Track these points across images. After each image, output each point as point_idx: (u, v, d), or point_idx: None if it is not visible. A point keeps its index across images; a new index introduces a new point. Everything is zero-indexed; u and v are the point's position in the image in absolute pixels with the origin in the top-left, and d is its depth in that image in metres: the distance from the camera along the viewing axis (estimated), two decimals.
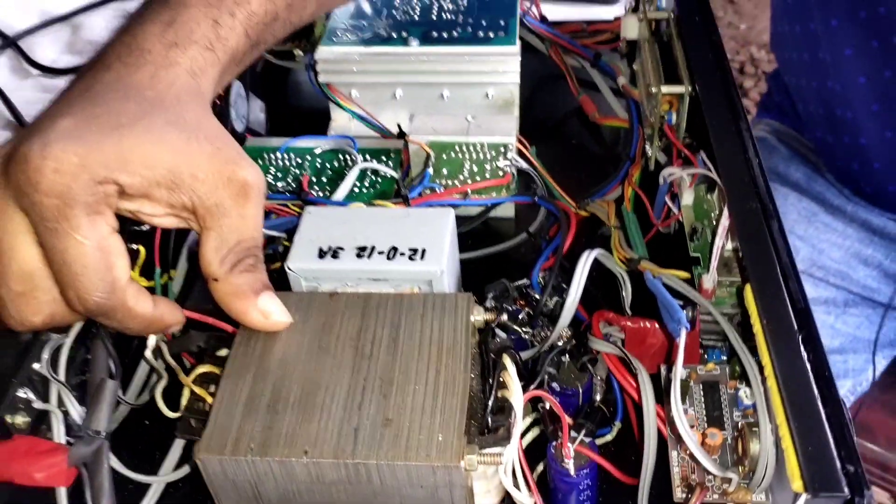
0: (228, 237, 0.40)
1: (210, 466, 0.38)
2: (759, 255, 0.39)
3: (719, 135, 0.46)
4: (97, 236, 0.37)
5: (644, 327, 0.46)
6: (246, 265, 0.41)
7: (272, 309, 0.42)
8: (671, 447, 0.41)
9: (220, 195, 0.39)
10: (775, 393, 0.34)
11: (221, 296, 0.41)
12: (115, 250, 0.38)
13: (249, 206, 0.40)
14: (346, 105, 0.64)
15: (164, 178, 0.38)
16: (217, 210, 0.39)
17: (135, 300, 0.39)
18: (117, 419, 0.50)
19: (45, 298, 0.38)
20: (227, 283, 0.41)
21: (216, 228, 0.40)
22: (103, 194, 0.37)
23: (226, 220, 0.40)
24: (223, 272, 0.40)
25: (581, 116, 0.70)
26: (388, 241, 0.49)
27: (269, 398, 0.40)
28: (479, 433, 0.40)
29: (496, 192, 0.55)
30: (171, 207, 0.39)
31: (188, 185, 0.39)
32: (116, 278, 0.38)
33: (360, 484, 0.38)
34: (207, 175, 0.39)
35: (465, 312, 0.43)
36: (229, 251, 0.40)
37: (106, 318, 0.39)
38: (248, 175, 0.40)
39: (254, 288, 0.41)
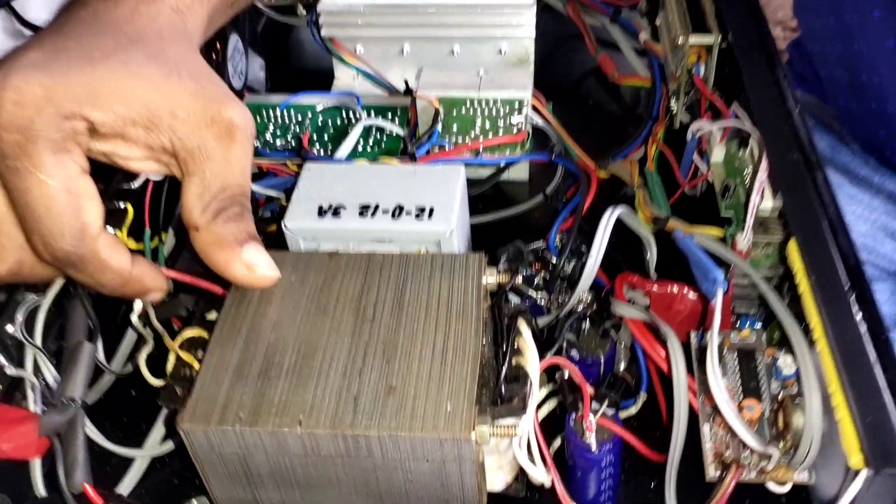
0: (212, 183, 0.36)
1: (195, 437, 0.35)
2: (803, 207, 0.35)
3: (755, 83, 0.42)
4: (63, 176, 0.33)
5: (671, 292, 0.42)
6: (230, 214, 0.37)
7: (258, 261, 0.38)
8: (703, 421, 0.37)
9: (203, 136, 0.36)
10: (827, 357, 0.30)
11: (203, 246, 0.37)
12: (84, 192, 0.34)
13: (235, 149, 0.36)
14: (350, 61, 0.60)
15: (140, 116, 0.34)
16: (199, 153, 0.36)
17: (109, 252, 0.36)
18: (101, 389, 0.46)
19: (10, 245, 0.35)
20: (209, 233, 0.37)
21: (198, 173, 0.36)
22: (71, 131, 0.33)
23: (209, 164, 0.36)
24: (205, 221, 0.36)
25: (599, 77, 0.66)
26: (394, 200, 0.45)
27: (260, 364, 0.36)
28: (492, 403, 0.36)
29: (510, 151, 0.52)
30: (150, 150, 0.36)
31: (167, 124, 0.35)
32: (86, 224, 0.34)
33: (360, 457, 0.34)
34: (189, 114, 0.35)
35: (477, 273, 0.39)
36: (213, 198, 0.36)
37: (76, 270, 0.35)
38: (234, 115, 0.36)
39: (238, 238, 0.37)
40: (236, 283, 0.38)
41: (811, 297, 0.32)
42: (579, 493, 0.39)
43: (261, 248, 0.38)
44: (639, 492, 0.41)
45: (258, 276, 0.38)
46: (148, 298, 0.40)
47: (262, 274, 0.38)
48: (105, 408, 0.46)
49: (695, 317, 0.42)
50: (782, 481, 0.35)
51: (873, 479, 0.26)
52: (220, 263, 0.38)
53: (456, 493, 0.35)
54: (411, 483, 0.35)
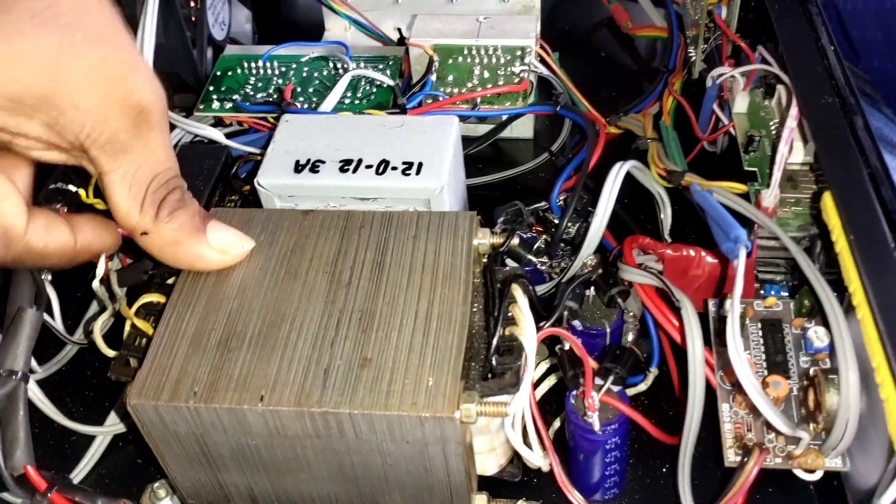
0: (138, 176, 0.31)
1: (144, 415, 0.31)
2: (840, 156, 0.30)
3: (784, 20, 0.37)
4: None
5: (687, 255, 0.37)
6: (173, 202, 0.32)
7: (228, 240, 0.34)
8: (721, 399, 0.33)
9: (113, 127, 0.30)
10: (869, 325, 0.25)
11: (160, 248, 0.32)
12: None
13: (154, 134, 0.31)
14: (340, 9, 0.56)
15: (34, 108, 0.28)
16: (113, 147, 0.30)
17: (44, 239, 0.31)
18: (61, 361, 0.43)
19: None
20: (161, 233, 0.32)
21: (118, 169, 0.30)
22: None
23: (127, 157, 0.30)
24: (150, 220, 0.31)
25: (612, 28, 0.62)
26: (379, 154, 0.41)
27: (221, 333, 0.32)
28: (481, 378, 0.32)
29: (511, 102, 0.47)
30: (56, 147, 0.30)
31: (70, 116, 0.29)
32: (7, 227, 0.29)
33: (331, 438, 0.30)
34: (93, 103, 0.29)
35: (468, 234, 0.35)
36: (146, 192, 0.31)
37: (17, 265, 0.31)
38: (143, 94, 0.30)
39: (195, 225, 0.33)
40: (213, 270, 0.34)
41: (850, 258, 0.27)
42: (581, 477, 0.35)
43: (222, 225, 0.34)
44: (648, 478, 0.37)
45: (235, 256, 0.34)
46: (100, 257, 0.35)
47: (238, 253, 0.34)
48: (66, 382, 0.43)
49: (713, 283, 0.37)
50: (812, 468, 0.31)
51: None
52: (189, 259, 0.33)
53: (441, 477, 0.31)
54: (390, 467, 0.31)
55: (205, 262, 0.34)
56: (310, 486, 0.33)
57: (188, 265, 0.34)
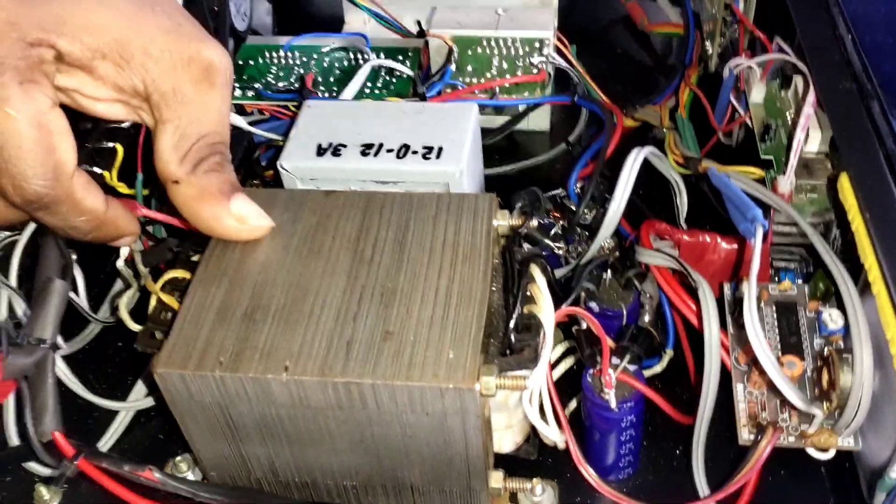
0: (189, 130, 0.33)
1: (171, 384, 0.31)
2: (856, 138, 0.31)
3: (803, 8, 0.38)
4: (32, 110, 0.30)
5: (703, 241, 0.38)
6: (211, 163, 0.33)
7: (248, 212, 0.35)
8: (736, 380, 0.34)
9: (179, 78, 0.32)
10: (885, 299, 0.26)
11: (185, 200, 0.34)
12: (56, 128, 0.31)
13: (214, 94, 0.33)
14: (360, 2, 0.57)
15: (109, 49, 0.31)
16: (174, 96, 0.32)
17: (83, 193, 0.32)
18: (85, 338, 0.44)
19: None
20: (191, 185, 0.33)
21: (174, 120, 0.32)
22: (38, 59, 0.30)
23: (185, 110, 0.32)
24: (184, 172, 0.33)
25: (628, 24, 0.62)
26: (399, 139, 0.41)
27: (246, 306, 0.33)
28: (500, 354, 0.32)
29: (529, 92, 0.48)
30: (119, 91, 0.32)
31: (139, 62, 0.31)
32: (60, 162, 0.31)
33: (353, 409, 0.31)
34: (164, 52, 0.32)
35: (487, 215, 0.36)
36: (191, 147, 0.33)
37: (48, 212, 0.32)
38: (213, 55, 0.33)
39: (223, 189, 0.34)
40: (227, 237, 0.35)
41: (866, 235, 0.28)
42: (596, 456, 0.35)
43: (248, 198, 0.35)
44: (662, 459, 0.37)
45: (250, 228, 0.35)
46: (120, 244, 0.37)
47: (254, 224, 0.35)
48: (89, 359, 0.43)
49: (728, 268, 0.38)
50: (825, 447, 0.32)
51: None
52: (208, 218, 0.34)
53: (459, 451, 0.32)
54: (410, 439, 0.32)
55: (221, 225, 0.34)
56: (330, 459, 0.34)
57: (205, 225, 0.35)
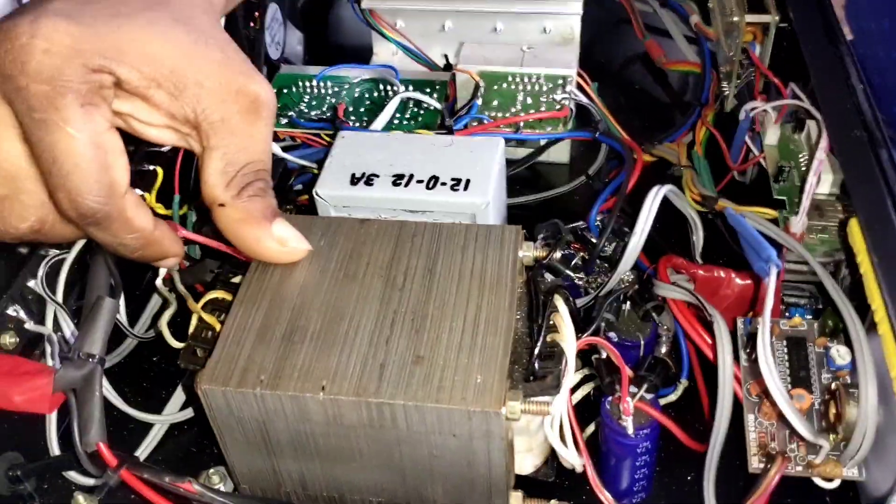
0: (236, 157, 0.35)
1: (213, 399, 0.33)
2: (866, 185, 0.33)
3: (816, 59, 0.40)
4: (91, 130, 0.32)
5: (718, 276, 0.40)
6: (255, 189, 0.36)
7: (288, 235, 0.37)
8: (747, 410, 0.35)
9: (228, 109, 0.34)
10: (889, 341, 0.28)
11: (229, 223, 0.36)
12: (112, 148, 0.33)
13: (260, 125, 0.35)
14: (389, 34, 0.59)
15: (165, 80, 0.33)
16: (223, 126, 0.34)
17: (134, 211, 0.35)
18: (122, 353, 0.45)
19: (32, 203, 0.33)
20: (236, 209, 0.36)
21: (221, 147, 0.35)
22: (98, 84, 0.32)
23: (233, 139, 0.35)
24: (230, 196, 0.35)
25: (647, 62, 0.64)
26: (429, 170, 0.43)
27: (285, 327, 0.35)
28: (524, 380, 0.34)
29: (552, 127, 0.50)
30: (171, 118, 0.35)
31: (192, 93, 0.34)
32: (114, 181, 0.33)
33: (384, 429, 0.33)
34: (214, 84, 0.34)
35: (513, 246, 0.37)
36: (237, 173, 0.35)
37: (100, 228, 0.34)
38: (259, 89, 0.35)
39: (265, 213, 0.36)
40: (267, 259, 0.37)
41: (873, 277, 0.30)
42: (612, 480, 0.37)
43: (288, 224, 0.37)
44: (674, 485, 0.39)
45: (290, 251, 0.37)
46: (164, 264, 0.39)
47: (294, 247, 0.37)
48: (126, 373, 0.45)
49: (742, 303, 0.40)
50: (830, 476, 0.33)
51: None
52: (250, 240, 0.36)
53: (483, 472, 0.34)
54: (436, 459, 0.34)
55: (263, 247, 0.37)
56: (358, 475, 0.36)
57: (247, 246, 0.37)
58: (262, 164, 0.36)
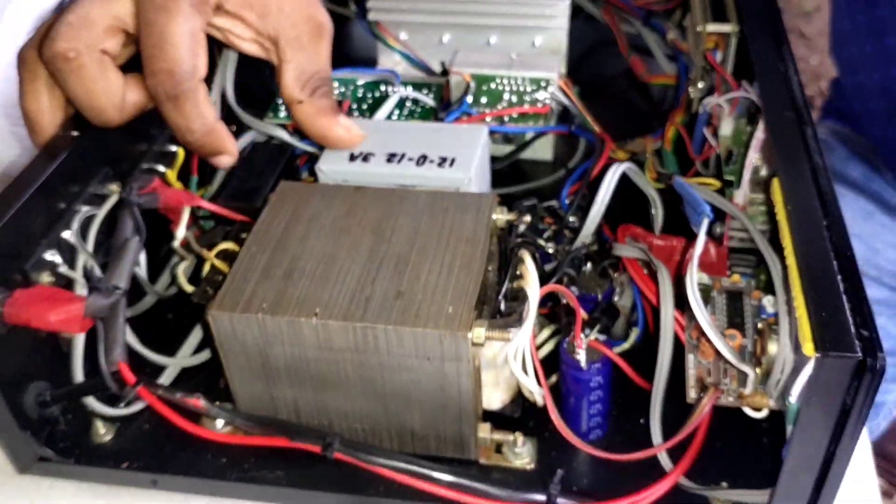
0: (307, 67, 0.46)
1: (220, 324, 0.38)
2: (789, 150, 0.38)
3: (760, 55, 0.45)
4: (193, 24, 0.42)
5: (671, 244, 0.45)
6: (324, 91, 0.47)
7: (351, 124, 0.49)
8: (688, 351, 0.40)
9: (301, 30, 0.46)
10: (793, 269, 0.32)
11: (306, 116, 0.48)
12: (201, 43, 0.43)
13: (323, 44, 0.47)
14: (393, 44, 0.65)
15: (256, 3, 0.45)
16: (296, 43, 0.46)
17: (204, 97, 0.44)
18: (142, 307, 0.50)
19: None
20: (312, 104, 0.47)
21: (295, 59, 0.46)
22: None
23: (303, 53, 0.46)
24: (306, 95, 0.47)
25: (630, 78, 0.70)
26: (419, 150, 0.49)
27: (285, 267, 0.40)
28: (491, 317, 0.39)
29: (533, 122, 0.55)
30: (258, 34, 0.46)
31: (275, 15, 0.45)
32: (198, 66, 0.43)
33: (368, 353, 0.38)
34: (293, 10, 0.45)
35: (488, 209, 0.43)
36: (310, 78, 0.46)
37: (177, 105, 0.43)
38: (323, 17, 0.47)
39: (333, 108, 0.48)
40: (337, 143, 0.49)
41: (787, 222, 0.35)
42: (570, 419, 0.42)
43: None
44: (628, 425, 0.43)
45: (354, 135, 0.49)
46: (220, 161, 0.48)
47: (357, 133, 0.49)
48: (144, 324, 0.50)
49: None
50: (758, 406, 0.38)
51: (822, 363, 0.29)
52: (324, 127, 0.48)
53: (453, 395, 0.39)
54: (412, 383, 0.39)
55: (335, 132, 0.48)
56: (345, 404, 0.40)
57: (322, 133, 0.48)
58: (326, 73, 0.48)
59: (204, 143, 0.46)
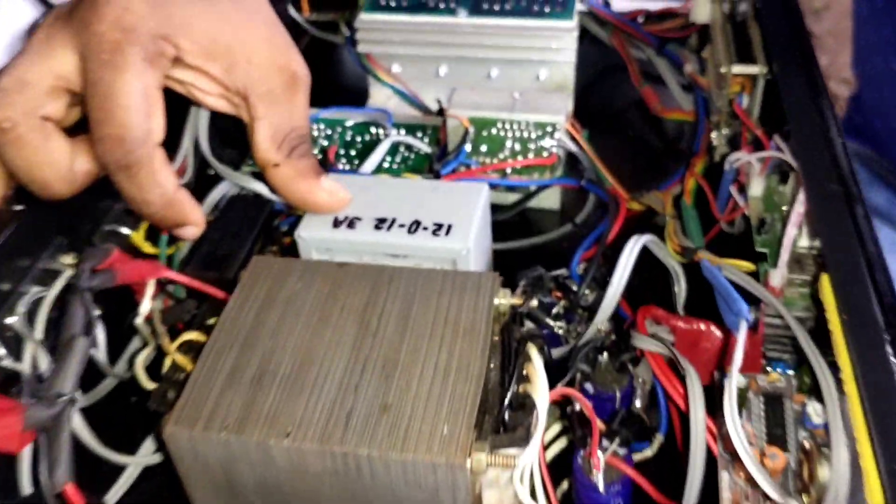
0: (283, 124, 0.41)
1: (178, 443, 0.33)
2: (839, 241, 0.32)
3: (797, 112, 0.40)
4: (145, 81, 0.37)
5: (698, 329, 0.39)
6: (302, 150, 0.42)
7: (335, 187, 0.43)
8: (721, 467, 0.35)
9: (273, 83, 0.40)
10: (855, 402, 0.27)
11: (284, 181, 0.42)
12: (156, 103, 0.38)
13: (299, 96, 0.41)
14: (384, 79, 0.59)
15: (220, 55, 0.39)
16: (269, 97, 0.40)
17: (161, 164, 0.39)
18: (100, 393, 0.45)
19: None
20: (289, 167, 0.41)
21: (268, 116, 0.40)
22: (160, 51, 0.37)
23: (277, 109, 0.40)
24: (282, 157, 0.41)
25: (642, 109, 0.64)
26: (412, 214, 0.43)
27: (255, 370, 0.35)
28: (494, 432, 0.34)
29: (539, 174, 0.50)
30: (225, 89, 0.40)
31: (243, 68, 0.39)
32: (153, 129, 0.38)
33: (349, 478, 0.32)
34: (262, 61, 0.39)
35: (489, 293, 0.37)
36: (286, 136, 0.41)
37: (130, 174, 0.38)
38: (298, 66, 0.41)
39: (314, 169, 0.42)
40: (319, 208, 0.43)
41: (842, 337, 0.29)
42: None
43: (331, 177, 0.43)
44: None
45: (339, 199, 0.43)
46: (185, 233, 0.42)
47: (341, 196, 0.43)
48: (103, 413, 0.45)
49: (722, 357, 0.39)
50: None
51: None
52: (304, 192, 0.42)
53: None
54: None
55: (316, 198, 0.42)
56: None
57: (302, 199, 0.42)
58: (304, 129, 0.42)
59: (164, 215, 0.40)
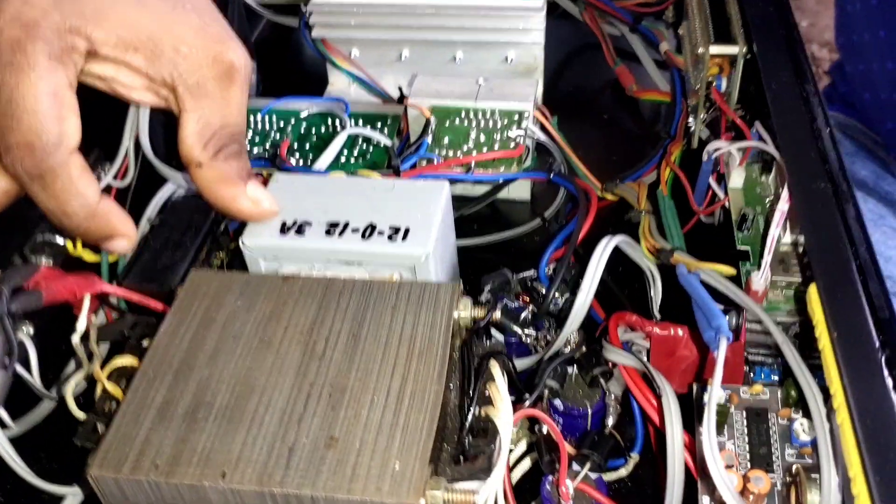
0: (211, 120, 0.36)
1: (105, 486, 0.30)
2: (828, 247, 0.29)
3: (780, 99, 0.37)
4: (53, 81, 0.33)
5: (675, 335, 0.36)
6: (231, 151, 0.37)
7: (261, 195, 0.39)
8: (702, 491, 0.32)
9: (204, 74, 0.36)
10: (847, 429, 0.24)
11: (206, 183, 0.37)
12: (68, 105, 0.34)
13: (234, 90, 0.37)
14: (342, 65, 0.56)
15: (142, 45, 0.35)
16: (198, 90, 0.36)
17: (79, 172, 0.34)
18: (39, 416, 0.42)
19: None
20: (213, 169, 0.37)
21: (197, 110, 0.36)
22: (70, 46, 0.33)
23: (208, 103, 0.36)
24: (207, 157, 0.36)
25: (617, 90, 0.61)
26: (366, 217, 0.40)
27: (189, 402, 0.31)
28: (452, 461, 0.31)
29: (505, 167, 0.46)
30: (150, 81, 0.36)
31: (169, 57, 0.35)
32: (65, 133, 0.33)
33: None
34: (191, 50, 0.35)
35: (448, 306, 0.34)
36: (213, 135, 0.36)
37: (44, 185, 0.34)
38: (235, 57, 0.36)
39: (240, 174, 0.38)
40: (242, 217, 0.39)
41: (832, 356, 0.26)
42: None
43: (260, 184, 0.39)
44: None
45: (262, 210, 0.39)
46: (113, 246, 0.38)
47: (266, 208, 0.39)
48: (41, 437, 0.42)
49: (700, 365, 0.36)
50: None
51: None
52: (226, 199, 0.38)
53: None
54: None
55: (238, 206, 0.38)
56: None
57: (224, 205, 0.38)
58: (237, 128, 0.37)
59: (87, 228, 0.36)
